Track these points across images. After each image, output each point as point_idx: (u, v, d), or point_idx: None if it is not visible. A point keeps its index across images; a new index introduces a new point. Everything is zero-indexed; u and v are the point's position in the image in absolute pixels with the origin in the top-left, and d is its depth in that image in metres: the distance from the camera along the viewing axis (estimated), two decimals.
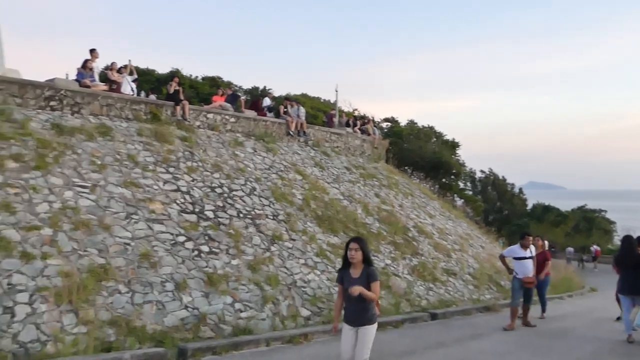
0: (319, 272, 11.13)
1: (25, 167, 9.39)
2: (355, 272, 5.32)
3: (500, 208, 52.97)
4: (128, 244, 9.10)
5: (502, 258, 11.50)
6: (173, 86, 14.49)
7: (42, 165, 9.58)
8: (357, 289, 5.09)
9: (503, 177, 54.82)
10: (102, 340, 7.30)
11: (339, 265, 12.09)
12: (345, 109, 32.71)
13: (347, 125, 20.79)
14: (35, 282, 7.56)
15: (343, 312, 5.52)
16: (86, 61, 13.37)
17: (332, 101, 27.80)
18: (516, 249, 11.06)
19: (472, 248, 17.33)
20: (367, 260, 5.33)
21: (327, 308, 10.18)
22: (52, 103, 11.48)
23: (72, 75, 14.04)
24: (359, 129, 20.85)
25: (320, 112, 32.65)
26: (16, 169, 9.25)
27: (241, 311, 9.11)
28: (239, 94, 18.94)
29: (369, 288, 5.17)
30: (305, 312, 9.91)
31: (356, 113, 33.95)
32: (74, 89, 12.05)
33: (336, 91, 22.62)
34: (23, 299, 7.27)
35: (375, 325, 5.37)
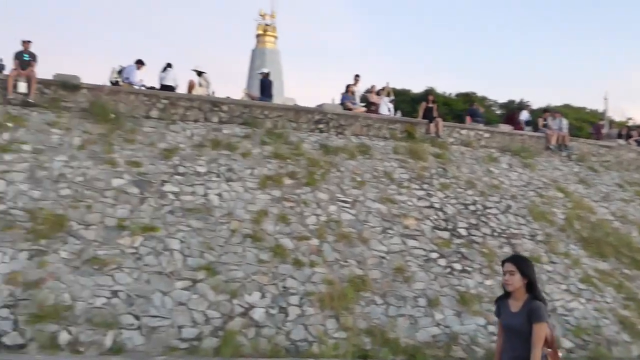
0: (583, 300, 10.07)
1: (298, 184, 10.65)
2: (516, 305, 3.78)
3: None
4: (383, 258, 9.57)
5: None
6: (426, 105, 14.77)
7: (311, 182, 10.72)
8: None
9: None
10: (359, 347, 7.81)
11: (608, 295, 10.92)
12: (617, 119, 29.03)
13: (619, 136, 18.43)
14: (304, 287, 8.49)
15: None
16: (349, 86, 14.58)
17: (600, 111, 24.97)
18: None
19: None
20: (531, 289, 3.76)
21: (594, 342, 9.13)
22: (320, 126, 12.78)
23: (337, 100, 15.44)
24: (635, 140, 18.29)
25: (586, 124, 29.61)
26: (291, 185, 10.54)
27: (494, 334, 8.76)
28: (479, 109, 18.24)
29: (530, 328, 3.65)
30: (567, 344, 9.05)
31: (630, 123, 29.87)
32: (339, 112, 13.23)
33: (605, 99, 20.31)
34: (294, 301, 8.23)
35: None
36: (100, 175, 9.47)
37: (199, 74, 14.52)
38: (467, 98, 33.60)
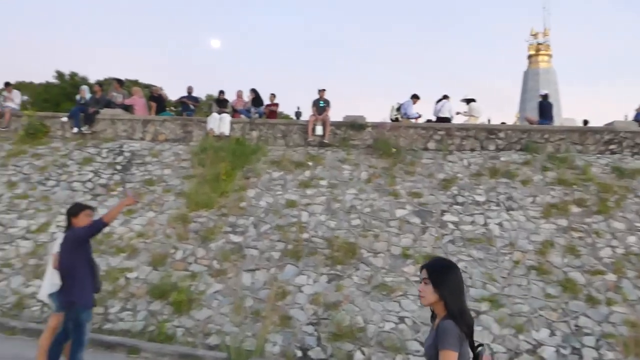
0: None
1: (587, 212, 9.75)
2: (435, 323, 2.94)
3: None
4: None
5: None
6: None
7: (603, 210, 9.70)
8: None
9: None
10: None
11: None
12: None
13: None
14: (601, 328, 7.68)
15: None
16: None
17: None
18: None
19: None
20: (447, 305, 2.85)
21: None
22: (611, 146, 11.51)
23: (631, 117, 13.71)
24: None
25: None
26: (579, 214, 9.71)
27: None
28: None
29: (437, 356, 2.77)
30: None
31: None
32: (633, 130, 11.73)
33: None
34: (590, 342, 7.49)
35: None
36: (385, 206, 10.22)
37: (468, 102, 14.59)
38: None
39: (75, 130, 12.93)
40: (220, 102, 13.85)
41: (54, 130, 13.28)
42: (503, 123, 15.80)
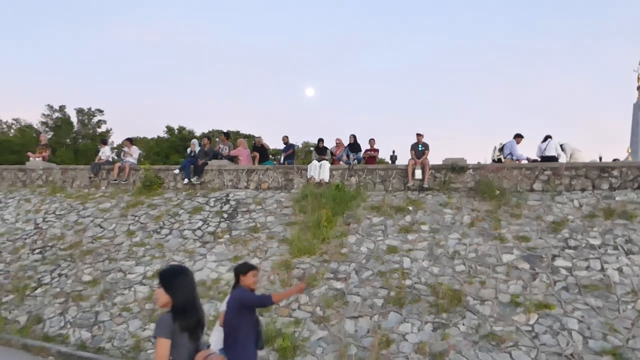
0: None
1: None
2: None
3: None
4: None
5: None
6: None
7: None
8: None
9: None
10: None
11: None
12: None
13: None
14: None
15: None
16: None
17: None
18: None
19: None
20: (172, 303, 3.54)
21: None
22: None
23: None
24: None
25: None
26: None
27: None
28: None
29: None
30: None
31: None
32: None
33: None
34: None
35: None
36: (490, 251, 9.84)
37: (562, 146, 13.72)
38: None
39: (186, 181, 13.80)
40: (320, 150, 14.21)
41: (167, 181, 14.26)
42: (616, 159, 14.82)
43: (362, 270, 9.96)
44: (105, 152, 16.27)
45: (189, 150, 15.68)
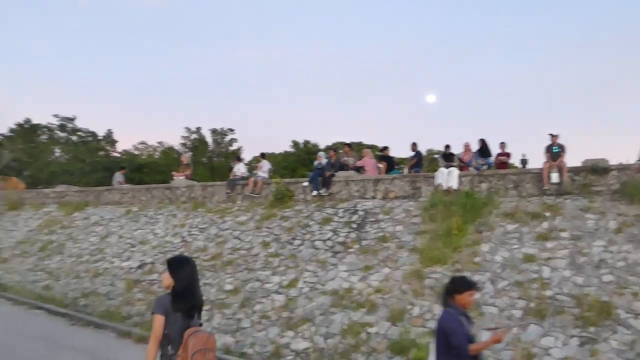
0: None
1: None
2: None
3: None
4: None
5: None
6: None
7: None
8: None
9: None
10: None
11: None
12: None
13: None
14: None
15: None
16: None
17: None
18: None
19: None
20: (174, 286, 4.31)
21: None
22: None
23: None
24: None
25: None
26: None
27: None
28: None
29: None
30: None
31: None
32: None
33: None
34: None
35: None
36: None
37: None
38: None
39: (315, 193, 14.25)
40: (447, 157, 13.95)
41: (297, 194, 14.82)
42: None
43: (498, 280, 9.59)
44: (240, 169, 17.29)
45: (316, 162, 16.18)
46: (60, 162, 46.03)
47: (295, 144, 50.42)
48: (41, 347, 9.94)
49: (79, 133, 50.78)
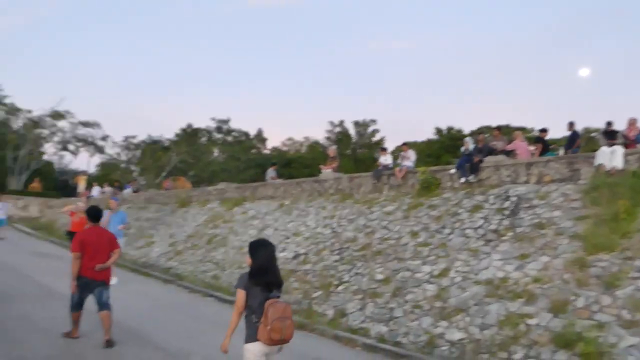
0: None
1: None
2: None
3: None
4: None
5: None
6: None
7: None
8: None
9: None
10: None
11: None
12: None
13: None
14: None
15: None
16: None
17: None
18: None
19: None
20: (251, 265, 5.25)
21: None
22: None
23: None
24: None
25: None
26: None
27: None
28: None
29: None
30: None
31: None
32: None
33: None
34: None
35: None
36: None
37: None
38: None
39: (463, 180, 13.85)
40: (609, 134, 12.73)
41: (444, 182, 14.53)
42: None
43: None
44: (387, 159, 17.38)
45: (462, 148, 15.70)
46: (219, 161, 50.00)
47: (439, 131, 49.37)
48: (222, 332, 10.93)
49: (233, 134, 54.69)
